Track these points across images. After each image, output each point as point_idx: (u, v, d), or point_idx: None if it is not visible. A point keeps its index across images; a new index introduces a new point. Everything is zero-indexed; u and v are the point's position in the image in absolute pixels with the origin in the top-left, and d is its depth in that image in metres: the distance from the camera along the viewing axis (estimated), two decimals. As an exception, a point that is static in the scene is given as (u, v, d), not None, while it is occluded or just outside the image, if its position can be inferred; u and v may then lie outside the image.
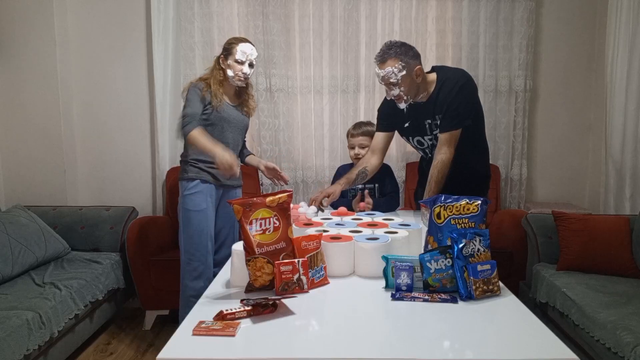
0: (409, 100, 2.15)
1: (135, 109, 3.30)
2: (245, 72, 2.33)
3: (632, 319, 1.88)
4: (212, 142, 2.19)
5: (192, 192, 2.32)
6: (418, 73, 2.10)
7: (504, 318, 1.25)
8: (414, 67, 2.08)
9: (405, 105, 2.18)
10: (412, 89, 2.12)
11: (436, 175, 2.11)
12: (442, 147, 2.13)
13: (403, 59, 2.07)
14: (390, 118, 2.33)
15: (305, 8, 3.18)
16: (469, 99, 2.13)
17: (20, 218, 2.69)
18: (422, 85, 2.15)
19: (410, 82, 2.09)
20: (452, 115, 2.11)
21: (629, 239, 2.44)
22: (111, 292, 2.73)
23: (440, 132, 2.15)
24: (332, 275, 1.51)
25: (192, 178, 2.32)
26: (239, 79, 2.34)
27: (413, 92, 2.13)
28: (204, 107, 2.30)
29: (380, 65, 2.10)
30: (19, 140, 3.14)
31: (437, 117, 2.16)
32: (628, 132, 2.94)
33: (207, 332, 1.12)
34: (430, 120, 2.19)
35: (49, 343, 2.15)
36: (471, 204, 1.53)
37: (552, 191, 3.44)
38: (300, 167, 3.30)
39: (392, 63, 2.06)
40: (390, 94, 2.14)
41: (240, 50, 2.30)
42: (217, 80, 2.34)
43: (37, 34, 3.05)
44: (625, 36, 2.91)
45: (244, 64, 2.32)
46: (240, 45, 2.31)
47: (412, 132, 2.29)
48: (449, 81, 2.12)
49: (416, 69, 2.09)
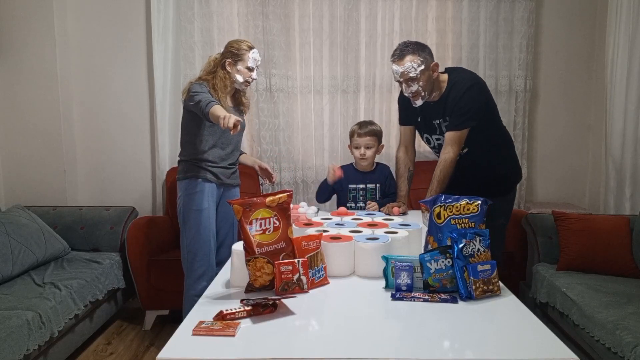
0: (425, 97, 2.19)
1: (135, 109, 3.29)
2: (254, 78, 2.36)
3: (632, 319, 1.88)
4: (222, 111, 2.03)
5: (194, 192, 2.31)
6: (434, 69, 2.16)
7: (504, 318, 1.25)
8: (430, 63, 2.14)
9: (421, 102, 2.21)
10: (429, 85, 2.16)
11: (439, 175, 2.13)
12: (446, 147, 2.16)
13: (421, 55, 2.12)
14: (407, 110, 2.37)
15: (305, 8, 3.18)
16: (475, 101, 2.15)
17: (20, 218, 2.69)
18: (435, 84, 2.19)
19: (428, 77, 2.14)
20: (458, 115, 2.14)
21: (629, 239, 2.44)
22: (111, 292, 2.73)
23: (447, 131, 2.18)
24: (332, 275, 1.51)
25: (194, 177, 2.32)
26: (246, 84, 2.36)
27: (429, 88, 2.17)
28: None
29: (399, 62, 2.14)
30: (19, 140, 3.14)
31: (446, 118, 2.19)
32: (628, 132, 2.94)
33: (207, 332, 1.12)
34: (439, 121, 2.22)
35: (49, 343, 2.14)
36: (471, 204, 1.53)
37: (552, 191, 3.44)
38: (300, 167, 3.30)
39: (411, 58, 2.11)
40: (408, 90, 2.17)
41: (252, 58, 2.32)
42: (223, 84, 2.30)
43: (37, 34, 3.04)
44: (625, 36, 2.91)
45: (254, 70, 2.34)
46: (252, 52, 2.33)
47: (423, 129, 2.34)
48: (458, 83, 2.16)
49: (433, 65, 2.15)
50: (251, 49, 2.33)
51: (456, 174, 2.17)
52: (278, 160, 3.25)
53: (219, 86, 2.30)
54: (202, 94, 2.21)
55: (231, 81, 2.34)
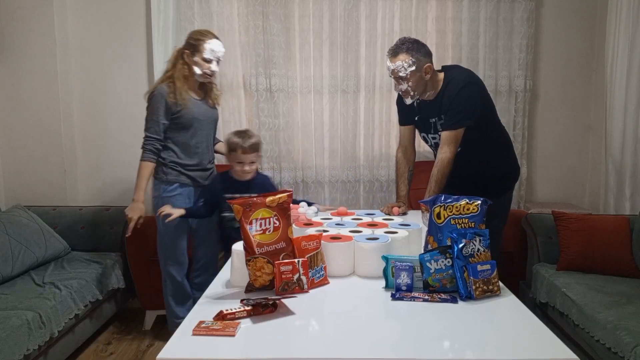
0: (415, 97, 2.19)
1: (135, 109, 3.28)
2: (213, 69, 2.29)
3: (632, 319, 1.88)
4: (145, 183, 2.28)
5: (172, 195, 2.33)
6: (427, 71, 2.13)
7: (504, 318, 1.25)
8: (423, 64, 2.12)
9: (411, 101, 2.21)
10: (420, 85, 2.15)
11: (436, 175, 2.13)
12: (443, 147, 2.15)
13: (414, 55, 2.11)
14: (405, 110, 2.37)
15: (305, 8, 3.18)
16: (470, 100, 2.13)
17: (20, 218, 2.69)
18: (430, 84, 2.18)
19: (418, 78, 2.13)
20: (453, 114, 2.13)
21: (629, 239, 2.44)
22: (111, 292, 2.73)
23: (442, 131, 2.18)
24: (332, 275, 1.51)
25: (171, 181, 2.34)
26: (205, 76, 2.30)
27: (420, 89, 2.16)
28: (172, 114, 2.26)
29: (392, 59, 2.14)
30: (19, 140, 3.13)
31: (441, 116, 2.18)
32: (628, 132, 2.94)
33: (207, 332, 1.12)
34: (434, 119, 2.22)
35: (49, 343, 2.15)
36: (471, 204, 1.53)
37: (552, 191, 3.44)
38: (300, 167, 3.30)
39: (403, 57, 2.10)
40: (398, 88, 2.19)
41: (208, 49, 2.25)
42: (181, 75, 2.27)
43: (37, 34, 3.04)
44: (625, 36, 2.91)
45: (212, 62, 2.28)
46: (209, 43, 2.25)
47: (420, 128, 2.35)
48: (453, 81, 2.15)
49: (426, 67, 2.13)
50: (210, 40, 2.26)
51: (452, 174, 2.16)
52: (278, 160, 3.25)
53: (176, 77, 2.26)
54: (151, 122, 2.26)
55: (190, 73, 2.28)
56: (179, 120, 2.29)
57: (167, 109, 2.26)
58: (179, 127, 2.30)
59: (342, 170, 3.31)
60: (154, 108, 2.27)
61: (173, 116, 2.29)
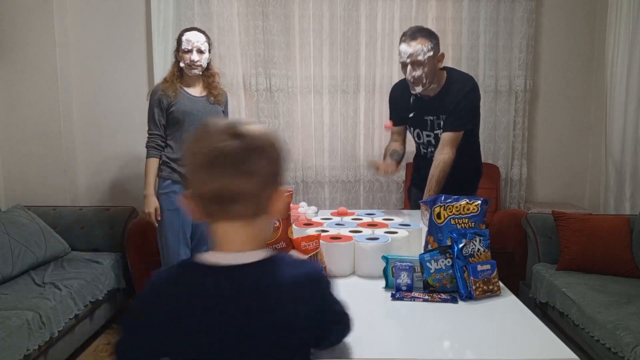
0: (426, 85, 2.13)
1: (135, 109, 3.28)
2: (193, 59, 2.33)
3: (632, 319, 1.88)
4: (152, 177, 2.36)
5: (166, 191, 2.38)
6: (440, 59, 2.15)
7: (504, 318, 1.25)
8: (438, 52, 2.13)
9: (420, 89, 2.15)
10: (432, 74, 2.13)
11: (437, 175, 2.12)
12: (444, 148, 2.14)
13: (432, 41, 2.11)
14: (398, 107, 2.34)
15: (305, 8, 3.18)
16: (474, 104, 2.18)
17: (20, 218, 2.69)
18: (438, 75, 2.17)
19: (433, 65, 2.12)
20: (457, 117, 2.13)
21: (629, 239, 2.44)
22: (111, 292, 2.73)
23: (444, 132, 2.17)
24: (332, 275, 1.51)
25: (164, 177, 2.39)
26: (189, 67, 2.35)
27: (431, 77, 2.13)
28: (166, 109, 2.36)
29: (410, 42, 2.09)
30: (19, 140, 3.13)
31: (440, 116, 2.17)
32: (628, 132, 2.93)
33: (207, 332, 1.12)
34: (432, 117, 2.21)
35: (49, 343, 2.14)
36: (471, 204, 1.53)
37: (552, 191, 3.44)
38: (300, 167, 3.30)
39: (422, 41, 2.08)
40: (411, 74, 2.11)
41: (185, 40, 2.33)
42: (172, 73, 2.39)
43: (37, 34, 3.04)
44: (625, 36, 2.90)
45: (191, 51, 2.33)
46: (185, 34, 2.35)
47: (414, 124, 2.31)
48: (458, 83, 2.16)
49: (439, 55, 2.14)
50: (187, 32, 2.36)
51: None
52: (278, 160, 3.25)
53: (169, 73, 2.39)
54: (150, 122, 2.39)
55: (178, 68, 2.38)
56: (170, 115, 2.37)
57: (159, 104, 2.37)
58: (173, 122, 2.38)
59: (342, 170, 3.31)
60: (150, 105, 2.40)
61: (167, 111, 2.38)
